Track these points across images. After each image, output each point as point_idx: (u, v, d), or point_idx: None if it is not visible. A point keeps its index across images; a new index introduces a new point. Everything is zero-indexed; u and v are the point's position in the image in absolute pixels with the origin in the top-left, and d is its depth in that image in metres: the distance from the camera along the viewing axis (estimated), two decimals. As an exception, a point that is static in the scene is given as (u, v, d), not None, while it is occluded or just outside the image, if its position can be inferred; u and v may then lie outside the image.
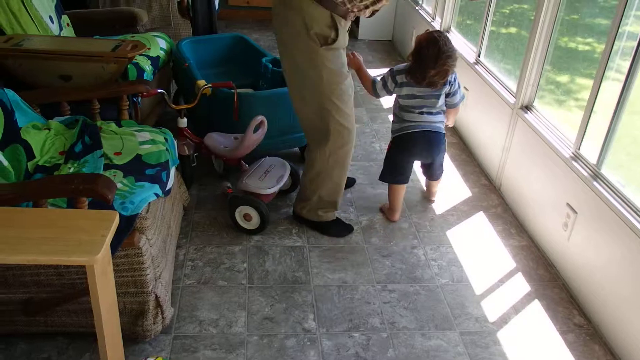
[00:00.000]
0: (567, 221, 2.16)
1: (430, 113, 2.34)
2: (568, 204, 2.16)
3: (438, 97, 2.31)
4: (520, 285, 2.16)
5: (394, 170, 2.44)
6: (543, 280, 2.20)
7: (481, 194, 2.74)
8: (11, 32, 2.38)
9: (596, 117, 2.11)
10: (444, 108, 2.39)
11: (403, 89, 2.32)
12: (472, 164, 3.03)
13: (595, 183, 2.02)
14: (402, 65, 2.35)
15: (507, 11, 3.22)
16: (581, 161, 2.16)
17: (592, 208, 2.02)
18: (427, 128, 2.34)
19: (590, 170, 2.09)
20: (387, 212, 2.52)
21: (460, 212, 2.59)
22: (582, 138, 2.18)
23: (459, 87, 2.38)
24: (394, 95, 2.41)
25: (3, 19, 2.34)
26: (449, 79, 2.29)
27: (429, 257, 2.28)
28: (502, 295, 2.10)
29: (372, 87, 2.41)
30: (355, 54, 2.48)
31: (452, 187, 2.81)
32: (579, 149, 2.19)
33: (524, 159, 2.53)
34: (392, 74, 2.34)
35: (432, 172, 2.54)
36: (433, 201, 2.67)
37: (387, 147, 2.49)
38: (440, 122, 2.38)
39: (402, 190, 2.46)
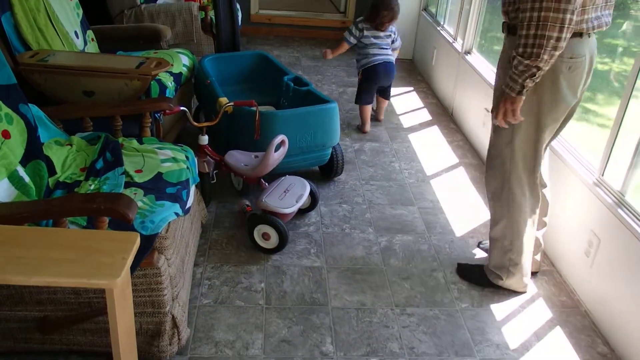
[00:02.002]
0: (589, 249, 2.11)
1: (386, 49, 3.42)
2: (592, 231, 2.11)
3: (388, 37, 3.43)
4: (542, 312, 2.11)
5: (366, 95, 3.46)
6: (565, 307, 2.15)
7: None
8: (37, 47, 2.41)
9: (620, 141, 2.07)
10: (392, 47, 3.49)
11: (364, 32, 3.38)
12: (493, 185, 2.99)
13: (619, 210, 1.98)
14: (361, 17, 3.44)
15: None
16: (605, 187, 2.11)
17: (616, 235, 1.97)
18: (386, 60, 3.41)
19: (615, 197, 2.05)
20: (361, 127, 3.54)
21: (480, 235, 2.55)
22: (606, 164, 2.14)
23: (398, 35, 3.52)
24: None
25: (30, 34, 2.38)
26: (393, 29, 3.44)
27: (449, 280, 2.25)
28: (524, 322, 2.06)
29: (344, 38, 3.45)
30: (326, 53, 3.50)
31: (471, 208, 2.77)
32: (602, 175, 2.15)
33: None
34: (355, 23, 3.42)
35: (387, 93, 3.60)
36: (381, 120, 3.70)
37: (357, 78, 3.51)
38: (392, 55, 3.47)
39: (370, 108, 3.55)
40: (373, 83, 3.43)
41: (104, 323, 1.70)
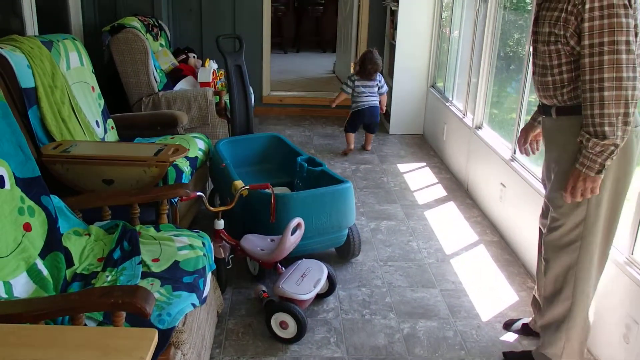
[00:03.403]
0: (628, 333, 2.02)
1: (372, 96, 4.45)
2: (629, 315, 2.02)
3: (374, 87, 4.43)
4: (579, 403, 1.99)
5: (352, 127, 4.56)
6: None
7: (529, 298, 2.60)
8: (60, 138, 2.46)
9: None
10: (378, 93, 4.49)
11: (356, 82, 4.42)
12: (516, 264, 2.92)
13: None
14: (352, 73, 4.54)
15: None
16: (637, 267, 2.05)
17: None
18: (371, 104, 4.46)
19: (647, 276, 1.98)
20: (345, 149, 4.59)
21: (508, 319, 2.45)
22: (635, 241, 2.08)
23: (384, 82, 4.52)
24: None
25: (54, 126, 2.44)
26: (378, 78, 4.45)
27: (477, 368, 2.14)
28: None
29: (342, 90, 4.56)
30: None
31: (496, 290, 2.69)
32: (632, 254, 2.09)
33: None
34: (349, 77, 4.51)
35: (372, 129, 4.60)
36: (369, 150, 4.65)
37: (347, 117, 4.58)
38: (377, 100, 4.48)
39: (353, 136, 4.60)
40: (359, 121, 4.54)
41: None
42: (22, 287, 1.64)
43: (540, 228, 2.22)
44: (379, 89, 4.48)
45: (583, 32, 1.71)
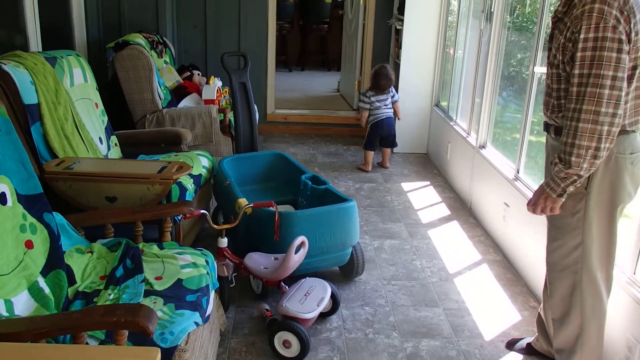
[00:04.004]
0: (630, 355, 1.99)
1: (386, 108, 4.58)
2: (632, 336, 2.00)
3: (387, 99, 4.57)
4: None
5: (373, 143, 4.60)
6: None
7: (532, 318, 2.58)
8: (63, 155, 2.47)
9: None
10: (392, 102, 4.63)
11: (372, 98, 4.54)
12: (519, 283, 2.90)
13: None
14: (365, 89, 4.70)
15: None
16: (639, 287, 2.03)
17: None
18: (387, 115, 4.57)
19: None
20: (363, 167, 4.63)
21: (511, 338, 2.43)
22: (637, 261, 2.07)
23: (394, 92, 4.65)
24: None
25: (57, 142, 2.45)
26: (391, 90, 4.60)
27: (481, 390, 2.11)
28: None
29: (361, 108, 4.63)
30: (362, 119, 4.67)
31: (499, 309, 2.67)
32: (634, 274, 2.07)
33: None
34: (363, 94, 4.64)
35: (389, 142, 4.65)
36: (387, 167, 4.71)
37: (366, 132, 4.64)
38: (391, 111, 4.61)
39: (372, 154, 4.64)
40: (377, 133, 4.58)
41: None
42: (23, 305, 1.63)
43: None
44: (391, 98, 4.66)
45: (575, 61, 1.72)
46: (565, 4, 1.82)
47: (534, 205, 1.91)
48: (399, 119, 4.74)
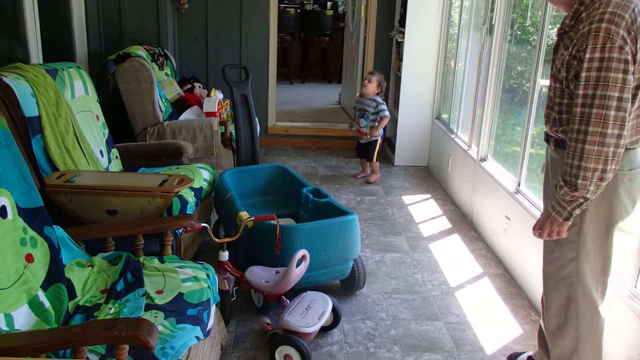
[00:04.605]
0: (636, 369, 1.98)
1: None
2: (634, 350, 1.99)
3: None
4: None
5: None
6: None
7: (533, 331, 2.56)
8: (64, 167, 2.47)
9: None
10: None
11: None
12: (520, 297, 2.89)
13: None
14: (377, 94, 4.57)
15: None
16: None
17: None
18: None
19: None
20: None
21: (512, 352, 2.41)
22: (638, 275, 2.06)
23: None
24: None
25: (58, 155, 2.45)
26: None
27: (484, 406, 2.09)
28: None
29: (382, 117, 4.49)
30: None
31: (500, 322, 2.65)
32: (635, 287, 2.06)
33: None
34: (384, 102, 4.54)
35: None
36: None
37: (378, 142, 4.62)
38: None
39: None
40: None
41: None
42: (23, 319, 1.62)
43: None
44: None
45: (579, 81, 1.69)
46: (572, 17, 1.80)
47: (540, 229, 1.87)
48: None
